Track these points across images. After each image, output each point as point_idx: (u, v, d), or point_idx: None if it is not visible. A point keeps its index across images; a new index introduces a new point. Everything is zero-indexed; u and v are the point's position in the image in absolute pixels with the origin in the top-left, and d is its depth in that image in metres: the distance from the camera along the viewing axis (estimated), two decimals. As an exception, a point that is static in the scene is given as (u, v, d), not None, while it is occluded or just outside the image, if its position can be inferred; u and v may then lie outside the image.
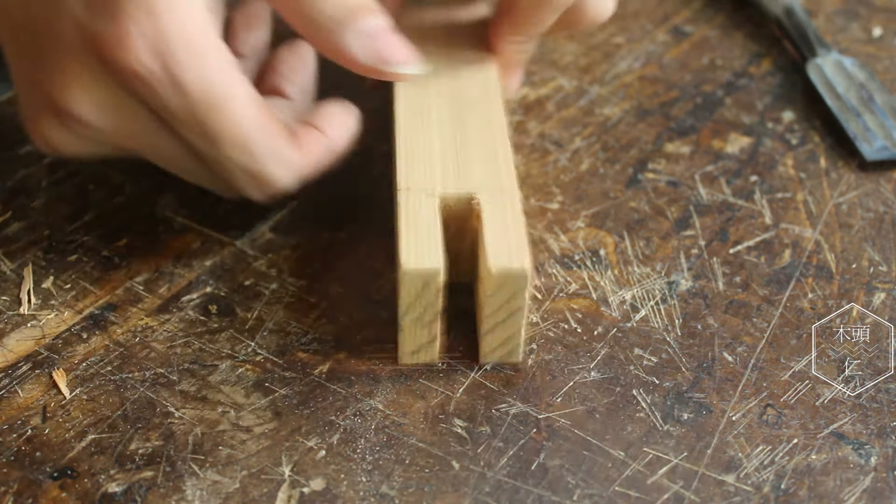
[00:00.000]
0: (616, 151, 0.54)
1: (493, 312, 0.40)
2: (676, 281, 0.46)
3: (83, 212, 0.49)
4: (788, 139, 0.55)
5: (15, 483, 0.37)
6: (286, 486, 0.37)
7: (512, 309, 0.40)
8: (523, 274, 0.39)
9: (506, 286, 0.39)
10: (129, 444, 0.39)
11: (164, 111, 0.40)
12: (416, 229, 0.40)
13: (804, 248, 0.48)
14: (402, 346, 0.41)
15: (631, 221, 0.50)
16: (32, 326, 0.43)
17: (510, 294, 0.39)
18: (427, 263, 0.39)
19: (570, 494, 0.37)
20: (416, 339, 0.41)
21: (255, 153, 0.41)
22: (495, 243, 0.40)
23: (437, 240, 0.40)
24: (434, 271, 0.39)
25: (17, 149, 0.53)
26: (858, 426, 0.40)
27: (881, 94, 0.57)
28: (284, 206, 0.49)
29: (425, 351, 0.41)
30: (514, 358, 0.42)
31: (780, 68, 0.61)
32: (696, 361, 0.43)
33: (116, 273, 0.46)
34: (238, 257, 0.47)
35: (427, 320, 0.40)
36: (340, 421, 0.40)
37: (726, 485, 0.38)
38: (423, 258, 0.39)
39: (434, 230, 0.40)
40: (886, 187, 0.52)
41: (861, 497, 0.38)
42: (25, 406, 0.40)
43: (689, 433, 0.40)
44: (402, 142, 0.44)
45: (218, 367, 0.42)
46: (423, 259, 0.39)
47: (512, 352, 0.42)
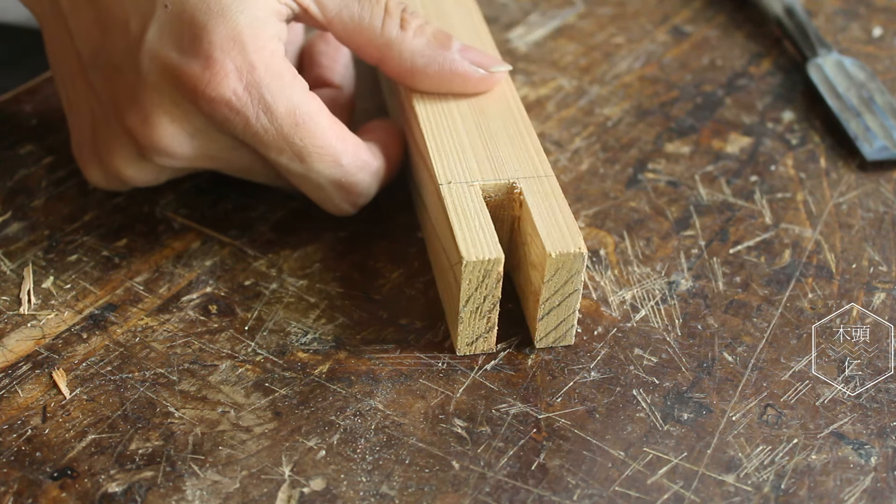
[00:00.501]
0: (616, 151, 0.54)
1: (549, 297, 0.41)
2: (676, 281, 0.46)
3: (83, 212, 0.49)
4: (788, 139, 0.55)
5: (15, 483, 0.37)
6: (286, 486, 0.37)
7: (567, 292, 0.41)
8: (580, 256, 0.40)
9: (563, 269, 0.40)
10: (129, 444, 0.39)
11: (253, 136, 0.42)
12: (467, 221, 0.41)
13: (804, 248, 0.48)
14: (460, 337, 0.42)
15: (631, 221, 0.50)
16: (32, 326, 0.43)
17: (567, 277, 0.40)
18: (487, 254, 0.40)
19: (570, 494, 0.37)
20: (474, 329, 0.42)
21: (342, 163, 0.44)
22: (547, 228, 0.41)
23: (490, 229, 0.41)
24: (495, 261, 0.40)
25: (17, 149, 0.53)
26: (858, 426, 0.40)
27: (881, 94, 0.57)
28: (284, 206, 0.49)
29: (483, 340, 0.42)
30: (567, 341, 0.43)
31: (780, 68, 0.61)
32: (696, 361, 0.43)
33: (116, 273, 0.46)
34: (238, 257, 0.47)
35: (486, 310, 0.41)
36: (340, 421, 0.40)
37: (726, 485, 0.38)
38: (482, 248, 0.40)
39: (484, 219, 0.41)
40: (886, 187, 0.52)
41: (861, 497, 0.38)
42: (25, 406, 0.40)
43: (689, 433, 0.40)
44: (430, 138, 0.45)
45: (218, 367, 0.42)
46: (482, 249, 0.40)
47: (566, 335, 0.42)
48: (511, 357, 0.42)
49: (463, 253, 0.39)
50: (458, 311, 0.41)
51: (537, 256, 0.41)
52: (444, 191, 0.42)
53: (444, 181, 0.43)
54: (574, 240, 0.40)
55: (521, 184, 0.43)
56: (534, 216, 0.41)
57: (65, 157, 0.52)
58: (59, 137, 0.53)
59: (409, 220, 0.49)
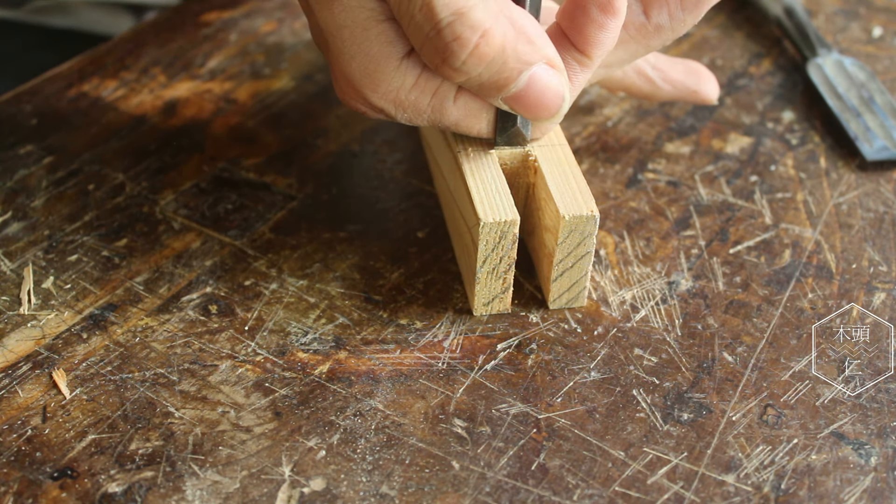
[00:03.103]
0: (616, 151, 0.54)
1: (563, 259, 0.43)
2: (676, 281, 0.46)
3: (83, 212, 0.49)
4: (788, 139, 0.55)
5: (15, 483, 0.37)
6: (286, 487, 0.37)
7: (580, 254, 0.43)
8: (593, 218, 0.42)
9: (576, 232, 0.42)
10: (129, 444, 0.39)
11: None
12: (484, 185, 0.43)
13: (804, 248, 0.48)
14: (476, 298, 0.43)
15: (631, 221, 0.50)
16: (32, 326, 0.43)
17: (580, 239, 0.42)
18: (504, 215, 0.41)
19: (570, 494, 0.37)
20: (490, 290, 0.43)
21: None
22: (561, 192, 0.43)
23: (507, 192, 0.42)
24: (511, 222, 0.41)
25: (17, 149, 0.53)
26: (858, 426, 0.40)
27: (881, 94, 0.57)
28: (284, 206, 0.49)
29: (499, 300, 0.44)
30: (579, 302, 0.44)
31: (780, 68, 0.61)
32: (696, 361, 0.43)
33: (116, 273, 0.46)
34: (238, 257, 0.47)
35: (502, 271, 0.43)
36: (340, 421, 0.40)
37: (726, 485, 0.38)
38: (499, 211, 0.42)
39: (501, 184, 0.43)
40: (886, 187, 0.52)
41: (861, 497, 0.38)
42: (25, 406, 0.40)
43: (689, 433, 0.40)
44: None
45: (218, 367, 0.42)
46: (499, 211, 0.42)
47: (578, 296, 0.44)
48: (511, 357, 0.42)
49: (480, 215, 0.41)
50: (475, 272, 0.42)
51: (551, 220, 0.43)
52: (461, 158, 0.44)
53: (459, 149, 0.44)
54: (587, 203, 0.42)
55: (535, 151, 0.44)
56: (548, 181, 0.43)
57: (65, 157, 0.52)
58: (59, 137, 0.53)
59: (409, 219, 0.49)
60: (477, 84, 0.40)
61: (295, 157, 0.53)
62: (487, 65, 0.39)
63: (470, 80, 0.40)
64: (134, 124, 0.55)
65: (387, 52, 0.41)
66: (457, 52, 0.38)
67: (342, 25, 0.40)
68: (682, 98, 0.53)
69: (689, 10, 0.44)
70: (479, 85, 0.40)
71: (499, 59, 0.39)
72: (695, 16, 0.44)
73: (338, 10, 0.40)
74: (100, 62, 0.60)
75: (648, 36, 0.44)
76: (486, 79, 0.39)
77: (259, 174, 0.52)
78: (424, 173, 0.52)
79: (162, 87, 0.58)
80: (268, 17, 0.64)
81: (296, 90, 0.58)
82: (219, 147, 0.53)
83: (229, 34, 0.63)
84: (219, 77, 0.59)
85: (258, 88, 0.58)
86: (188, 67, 0.59)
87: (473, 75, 0.39)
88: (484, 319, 0.44)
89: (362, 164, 0.53)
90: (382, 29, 0.40)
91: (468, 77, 0.39)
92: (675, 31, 0.44)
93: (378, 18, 0.40)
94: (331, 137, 0.54)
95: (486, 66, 0.39)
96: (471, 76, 0.39)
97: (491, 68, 0.39)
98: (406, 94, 0.42)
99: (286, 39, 0.62)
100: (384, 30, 0.40)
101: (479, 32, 0.38)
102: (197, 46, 0.61)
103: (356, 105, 0.43)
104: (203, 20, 0.64)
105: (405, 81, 0.41)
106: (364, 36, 0.40)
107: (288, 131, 0.55)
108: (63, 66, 0.59)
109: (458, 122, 0.43)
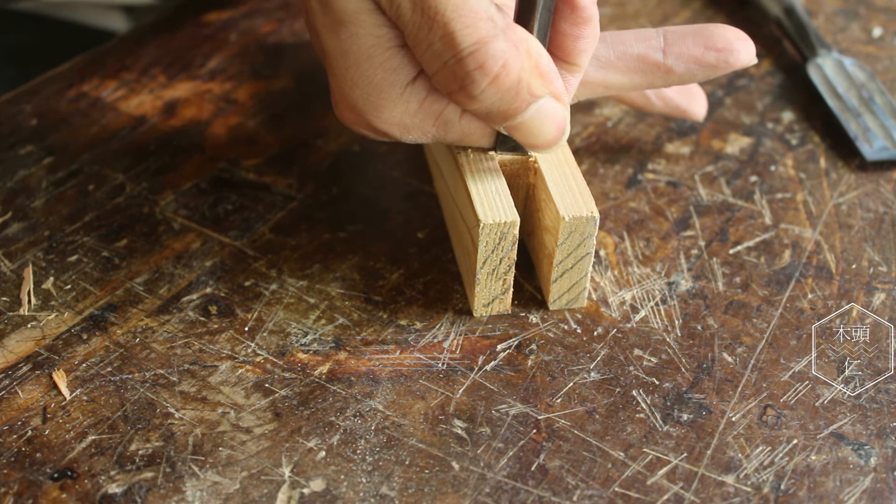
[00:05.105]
0: (616, 151, 0.54)
1: (563, 260, 0.43)
2: (676, 281, 0.46)
3: (83, 212, 0.49)
4: (788, 139, 0.55)
5: (15, 484, 0.37)
6: (286, 487, 0.37)
7: (580, 255, 0.43)
8: (593, 219, 0.42)
9: (576, 233, 0.42)
10: (129, 444, 0.39)
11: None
12: (484, 186, 0.43)
13: (804, 249, 0.48)
14: (476, 299, 0.44)
15: (631, 222, 0.50)
16: (32, 327, 0.43)
17: (580, 240, 0.42)
18: (503, 217, 0.41)
19: (570, 495, 0.37)
20: (490, 291, 0.43)
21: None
22: (561, 193, 0.43)
23: (507, 194, 0.43)
24: (511, 223, 0.41)
25: (17, 149, 0.53)
26: (858, 426, 0.40)
27: (881, 94, 0.57)
28: (284, 206, 0.49)
29: (499, 301, 0.44)
30: (579, 303, 0.45)
31: (780, 68, 0.61)
32: (696, 362, 0.43)
33: (116, 273, 0.46)
34: (238, 258, 0.47)
35: (502, 271, 0.43)
36: (340, 422, 0.40)
37: (726, 485, 0.38)
38: (498, 212, 0.42)
39: (501, 185, 0.43)
40: (886, 187, 0.52)
41: (861, 497, 0.38)
42: (25, 407, 0.40)
43: (689, 434, 0.40)
44: None
45: (218, 367, 0.42)
46: (499, 212, 0.42)
47: (578, 297, 0.44)
48: (511, 358, 0.43)
49: (480, 216, 0.41)
50: (475, 273, 0.42)
51: (551, 221, 0.43)
52: (461, 159, 0.44)
53: (460, 149, 0.44)
54: (587, 204, 0.42)
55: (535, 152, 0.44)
56: (548, 183, 0.43)
57: (65, 158, 0.52)
58: (59, 137, 0.53)
59: (409, 220, 0.49)
60: (486, 111, 0.40)
61: (295, 157, 0.53)
62: (502, 95, 0.39)
63: (480, 108, 0.40)
64: (134, 124, 0.55)
65: (391, 79, 0.41)
66: (478, 81, 0.38)
67: (347, 52, 0.40)
68: (671, 114, 0.53)
69: (703, 69, 0.45)
70: (487, 112, 0.40)
71: (513, 90, 0.39)
72: (706, 75, 0.46)
73: (345, 36, 0.40)
74: (100, 62, 0.60)
75: (658, 76, 0.46)
76: (497, 108, 0.40)
77: (259, 174, 0.52)
78: (424, 173, 0.52)
79: (162, 87, 0.58)
80: (268, 17, 0.64)
81: (296, 90, 0.58)
82: (219, 147, 0.53)
83: (229, 34, 0.63)
84: (219, 77, 0.59)
85: (258, 88, 0.58)
86: (188, 67, 0.59)
87: (487, 104, 0.40)
88: (484, 320, 0.44)
89: (362, 165, 0.53)
90: (388, 56, 0.40)
91: (481, 105, 0.40)
92: (683, 80, 0.46)
93: (385, 46, 0.40)
94: (331, 137, 0.54)
95: (501, 96, 0.39)
96: (484, 104, 0.40)
97: (504, 98, 0.39)
98: (411, 119, 0.42)
99: (286, 39, 0.62)
100: (389, 57, 0.40)
101: (501, 62, 0.38)
102: (197, 46, 0.61)
103: (358, 129, 0.43)
104: (203, 20, 0.64)
105: (409, 107, 0.41)
106: (369, 63, 0.40)
107: (288, 131, 0.55)
108: (63, 66, 0.59)
109: (461, 140, 0.43)
